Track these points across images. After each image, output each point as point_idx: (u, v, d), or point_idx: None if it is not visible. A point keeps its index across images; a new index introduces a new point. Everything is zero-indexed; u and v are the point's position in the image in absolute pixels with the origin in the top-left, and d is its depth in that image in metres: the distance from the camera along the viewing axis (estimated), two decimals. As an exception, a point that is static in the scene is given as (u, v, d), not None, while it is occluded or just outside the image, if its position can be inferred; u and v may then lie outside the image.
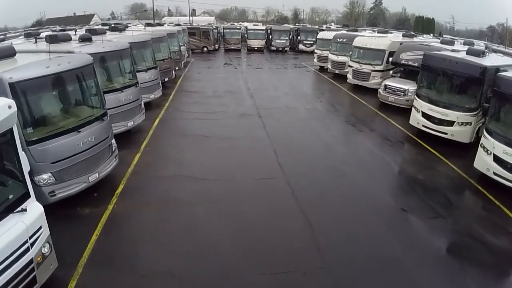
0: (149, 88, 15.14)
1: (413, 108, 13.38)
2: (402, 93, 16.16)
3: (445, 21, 76.12)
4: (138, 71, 14.33)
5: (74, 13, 61.16)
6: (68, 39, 11.19)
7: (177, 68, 22.78)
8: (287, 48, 39.95)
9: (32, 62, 7.31)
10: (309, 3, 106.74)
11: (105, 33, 15.08)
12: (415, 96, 13.35)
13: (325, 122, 14.48)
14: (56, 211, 6.53)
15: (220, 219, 7.55)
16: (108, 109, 10.28)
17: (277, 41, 39.49)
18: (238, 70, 26.41)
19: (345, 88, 20.97)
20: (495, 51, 16.00)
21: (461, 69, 11.96)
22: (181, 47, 26.00)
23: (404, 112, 15.51)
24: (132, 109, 11.79)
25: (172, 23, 39.75)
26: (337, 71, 23.60)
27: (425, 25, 59.89)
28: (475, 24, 73.98)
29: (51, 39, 10.68)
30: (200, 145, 11.52)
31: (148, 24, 26.52)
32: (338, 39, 23.62)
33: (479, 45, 20.77)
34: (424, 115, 12.69)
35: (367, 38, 20.45)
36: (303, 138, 12.45)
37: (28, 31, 19.05)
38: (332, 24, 53.33)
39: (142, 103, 12.64)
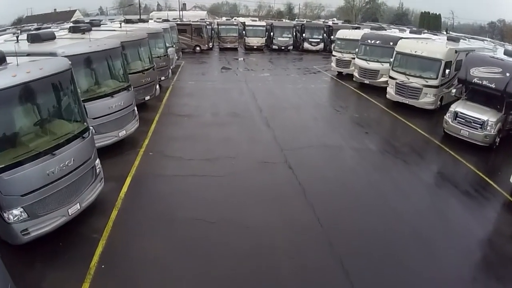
0: (117, 122, 9.63)
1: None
2: (479, 126, 10.94)
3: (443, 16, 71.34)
4: (96, 98, 8.97)
5: (55, 9, 54.03)
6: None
7: (163, 78, 17.10)
8: (290, 47, 34.33)
9: None
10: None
11: (53, 38, 9.53)
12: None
13: (394, 178, 9.02)
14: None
15: None
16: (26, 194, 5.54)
17: (279, 39, 33.79)
18: (240, 78, 20.72)
19: (382, 104, 15.64)
20: None
21: None
22: (169, 49, 20.25)
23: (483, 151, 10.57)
24: (78, 179, 6.29)
25: (160, 18, 33.83)
26: (366, 81, 18.17)
27: (431, 21, 54.80)
28: (468, 19, 69.71)
29: None
30: (201, 254, 5.98)
31: (128, 21, 20.57)
32: (369, 41, 18.14)
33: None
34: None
35: (415, 43, 14.98)
36: (378, 224, 6.94)
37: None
38: (335, 19, 47.75)
39: (99, 163, 7.08)
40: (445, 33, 36.63)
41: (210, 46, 33.87)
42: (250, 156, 9.79)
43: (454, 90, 13.41)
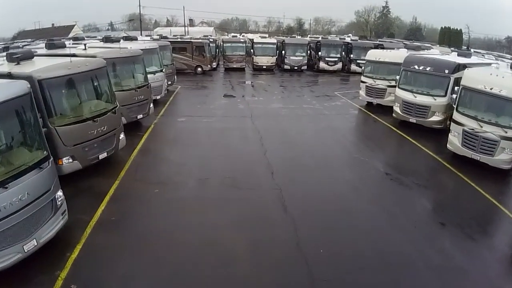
0: (19, 228, 5.12)
1: None
2: None
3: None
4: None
5: (53, 24, 50.68)
6: None
7: (141, 116, 12.55)
8: (304, 67, 29.71)
9: None
10: (311, 13, 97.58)
11: None
12: None
13: None
14: None
15: None
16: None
17: (291, 58, 29.23)
18: (245, 111, 16.01)
19: (439, 157, 10.80)
20: None
21: None
22: (157, 74, 15.88)
23: None
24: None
25: (160, 35, 29.74)
26: (412, 120, 13.28)
27: (452, 37, 49.86)
28: (479, 33, 64.68)
29: None
30: None
31: (107, 39, 16.26)
32: (415, 67, 13.28)
33: None
34: None
35: (489, 76, 9.96)
36: None
37: None
38: (351, 35, 43.13)
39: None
40: (469, 49, 31.77)
41: (214, 66, 29.47)
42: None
43: None
